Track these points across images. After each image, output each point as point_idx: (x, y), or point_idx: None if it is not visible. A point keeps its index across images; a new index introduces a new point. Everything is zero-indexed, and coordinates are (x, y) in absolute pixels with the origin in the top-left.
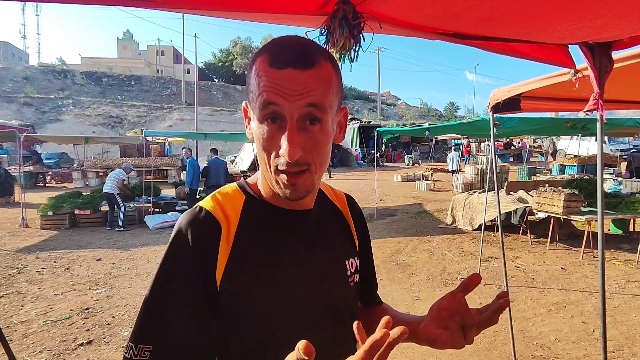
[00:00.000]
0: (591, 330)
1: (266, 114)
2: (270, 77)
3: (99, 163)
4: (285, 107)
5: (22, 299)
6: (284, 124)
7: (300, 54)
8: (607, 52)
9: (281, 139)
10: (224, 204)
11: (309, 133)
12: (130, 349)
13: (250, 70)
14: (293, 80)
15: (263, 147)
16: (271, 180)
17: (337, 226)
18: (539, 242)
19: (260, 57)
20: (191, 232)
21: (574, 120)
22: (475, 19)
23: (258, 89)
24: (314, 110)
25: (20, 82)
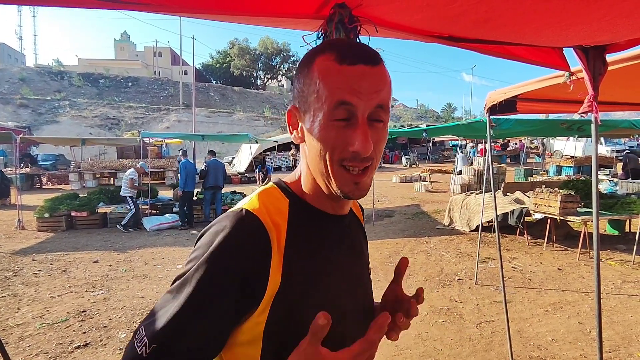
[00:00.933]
0: (588, 330)
1: (338, 113)
2: (342, 75)
3: (95, 165)
4: (359, 105)
5: (18, 302)
6: (353, 122)
7: (369, 50)
8: (602, 54)
9: (352, 135)
10: (271, 209)
11: (375, 130)
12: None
13: (308, 70)
14: (365, 77)
15: (327, 145)
16: (330, 180)
17: (360, 231)
18: (536, 242)
19: (323, 56)
20: (240, 239)
21: (570, 121)
22: (471, 22)
23: (326, 88)
24: (381, 110)
25: (16, 84)
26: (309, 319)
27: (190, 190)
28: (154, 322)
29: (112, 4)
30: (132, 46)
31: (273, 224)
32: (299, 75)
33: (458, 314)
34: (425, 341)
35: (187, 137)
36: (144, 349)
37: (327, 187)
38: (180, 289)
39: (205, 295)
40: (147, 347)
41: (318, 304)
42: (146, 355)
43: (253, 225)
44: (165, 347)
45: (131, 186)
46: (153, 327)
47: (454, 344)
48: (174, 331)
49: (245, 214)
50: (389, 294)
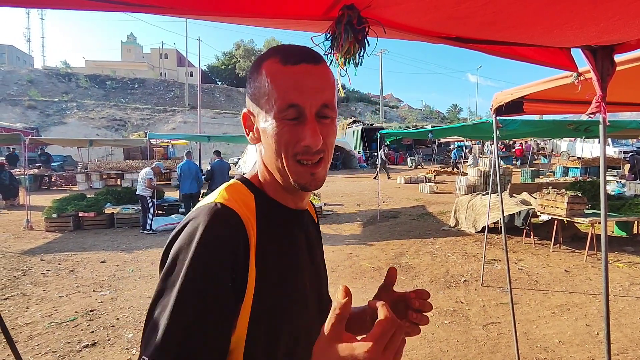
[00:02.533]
0: (595, 332)
1: (288, 114)
2: (287, 75)
3: (102, 166)
4: (306, 105)
5: (27, 301)
6: (302, 119)
7: (310, 51)
8: (610, 55)
9: (302, 131)
10: (241, 203)
11: (323, 125)
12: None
13: (257, 74)
14: (308, 75)
15: (280, 142)
16: (287, 175)
17: (315, 227)
18: (543, 244)
19: (268, 60)
20: (222, 231)
21: (577, 122)
22: (478, 23)
23: (275, 90)
24: (327, 109)
25: (24, 85)
26: (280, 307)
27: (188, 193)
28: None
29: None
30: (139, 48)
31: (245, 215)
32: (250, 80)
33: (464, 316)
34: (431, 342)
35: (193, 138)
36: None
37: (286, 181)
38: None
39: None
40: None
41: (287, 293)
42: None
43: (232, 219)
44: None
45: (149, 185)
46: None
47: (459, 345)
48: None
49: (221, 208)
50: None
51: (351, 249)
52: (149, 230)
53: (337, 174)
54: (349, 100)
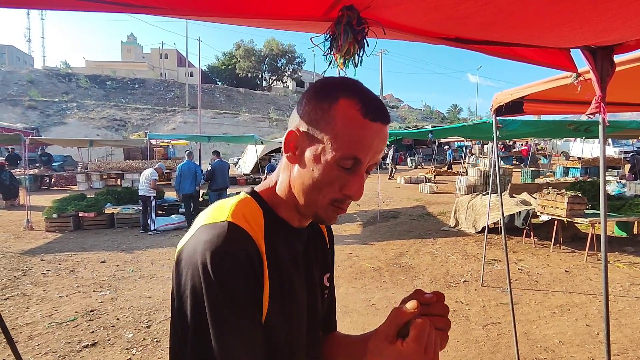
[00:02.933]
0: (595, 333)
1: (347, 163)
2: (363, 129)
3: (102, 166)
4: (365, 161)
5: (27, 301)
6: (354, 170)
7: (385, 109)
8: (609, 55)
9: (351, 181)
10: (251, 222)
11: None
12: None
13: (329, 106)
14: (379, 135)
15: (324, 181)
16: (315, 209)
17: (321, 246)
18: (543, 244)
19: (347, 100)
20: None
21: (577, 122)
22: (478, 23)
23: (346, 136)
24: (376, 165)
25: (25, 86)
26: (280, 322)
27: (188, 193)
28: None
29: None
30: (139, 48)
31: (255, 236)
32: (315, 102)
33: (464, 316)
34: None
35: (193, 138)
36: None
37: (307, 210)
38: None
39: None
40: None
41: (288, 309)
42: None
43: (242, 236)
44: None
45: (153, 186)
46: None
47: (460, 345)
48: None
49: (230, 226)
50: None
51: (351, 249)
52: (152, 230)
53: None
54: None
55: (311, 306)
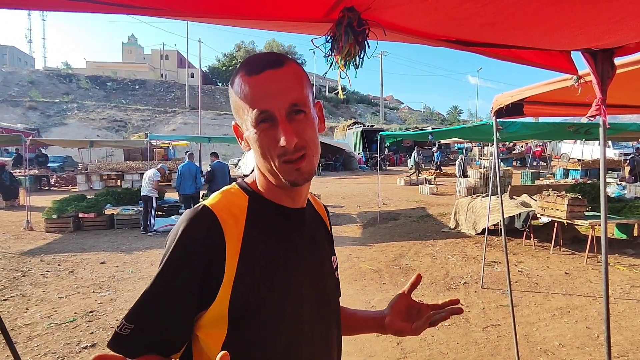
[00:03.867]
0: (595, 335)
1: (260, 119)
2: (252, 85)
3: (102, 166)
4: (274, 108)
5: (26, 302)
6: (275, 122)
7: (271, 57)
8: (610, 58)
9: (276, 134)
10: (230, 204)
11: (297, 122)
12: (120, 323)
13: (232, 90)
14: (272, 79)
15: (262, 146)
16: (277, 174)
17: (322, 227)
18: (543, 246)
19: (238, 75)
20: (197, 232)
21: (578, 124)
22: (478, 25)
23: (246, 101)
24: (297, 107)
25: (25, 86)
26: (270, 301)
27: (188, 194)
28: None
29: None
30: (140, 49)
31: (231, 216)
32: (230, 95)
33: (464, 318)
34: (431, 344)
35: (194, 139)
36: (122, 328)
37: (277, 180)
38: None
39: (170, 276)
40: (124, 327)
41: (278, 288)
42: (125, 333)
43: (209, 219)
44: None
45: (156, 187)
46: (130, 309)
47: (459, 347)
48: (145, 308)
49: (201, 210)
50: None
51: (351, 250)
52: (152, 231)
53: (337, 176)
54: (349, 101)
55: (320, 290)
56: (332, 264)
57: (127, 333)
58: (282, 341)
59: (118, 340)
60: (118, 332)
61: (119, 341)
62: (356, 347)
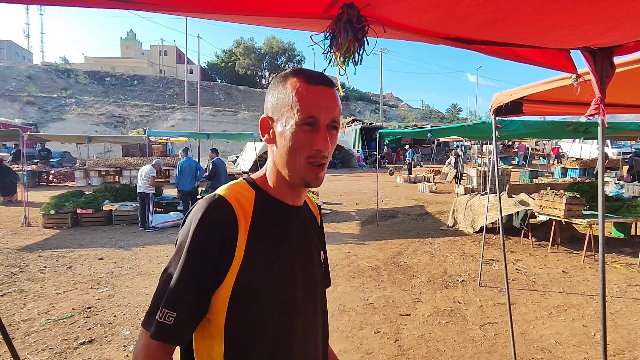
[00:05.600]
0: (592, 333)
1: (306, 122)
2: (309, 92)
3: (101, 162)
4: (320, 117)
5: (24, 297)
6: (316, 129)
7: (326, 77)
8: (609, 57)
9: (316, 138)
10: (240, 195)
11: (331, 135)
12: (160, 311)
13: (282, 87)
14: (325, 94)
15: (297, 143)
16: (297, 171)
17: (314, 223)
18: (540, 245)
19: (294, 78)
20: (216, 217)
21: (576, 123)
22: (478, 22)
23: (299, 103)
24: (335, 123)
25: (23, 81)
26: (270, 286)
27: (187, 190)
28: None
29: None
30: (138, 45)
31: (240, 207)
32: (273, 91)
33: (461, 316)
34: (429, 342)
35: (193, 135)
36: (165, 317)
37: (293, 176)
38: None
39: (197, 259)
40: (166, 315)
41: (276, 274)
42: (170, 322)
43: (224, 206)
44: (180, 310)
45: (152, 183)
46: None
47: (457, 345)
48: (180, 294)
49: (217, 198)
50: None
51: (349, 247)
52: (150, 228)
53: (336, 173)
54: (348, 99)
55: (310, 277)
56: (319, 255)
57: (171, 321)
58: (276, 320)
59: (165, 330)
60: (162, 321)
61: (167, 330)
62: (353, 344)
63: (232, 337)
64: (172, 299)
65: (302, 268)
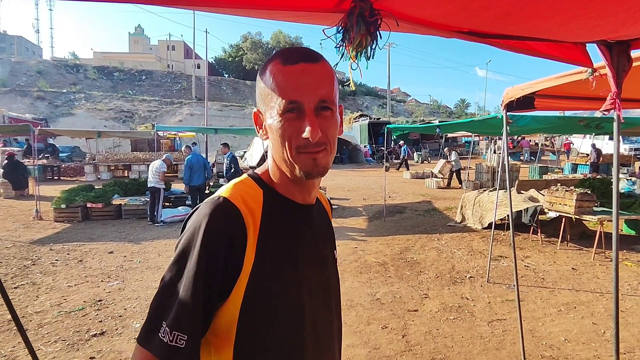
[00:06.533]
0: (602, 331)
1: (287, 109)
2: (287, 74)
3: (110, 157)
4: (304, 100)
5: (36, 290)
6: (301, 114)
7: (308, 52)
8: (626, 50)
9: (302, 125)
10: (247, 196)
11: (323, 118)
12: (169, 333)
13: (262, 76)
14: (306, 72)
15: (284, 135)
16: (293, 165)
17: (327, 222)
18: (550, 241)
19: (272, 63)
20: (222, 225)
21: (589, 119)
22: (492, 16)
23: (277, 89)
24: (325, 104)
25: (33, 76)
26: (283, 295)
27: (195, 185)
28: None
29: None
30: (146, 40)
31: (249, 210)
32: (258, 82)
33: (469, 312)
34: (436, 338)
35: (201, 130)
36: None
37: (292, 172)
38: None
39: (204, 273)
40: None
41: (289, 281)
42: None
43: (231, 211)
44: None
45: (162, 178)
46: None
47: (464, 341)
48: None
49: (223, 202)
50: None
51: (357, 243)
52: (159, 222)
53: (344, 168)
54: (355, 94)
55: (324, 283)
56: (334, 257)
57: (183, 345)
58: (290, 332)
59: (179, 355)
60: (172, 344)
61: (180, 355)
62: (361, 339)
63: (242, 352)
64: (181, 320)
65: (316, 274)
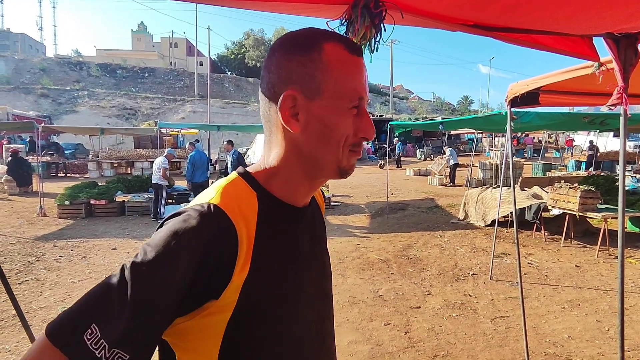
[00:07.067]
0: (605, 329)
1: (354, 105)
2: (356, 65)
3: (113, 154)
4: (365, 97)
5: (41, 286)
6: (360, 111)
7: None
8: (634, 44)
9: (362, 123)
10: (241, 201)
11: None
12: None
13: (317, 56)
14: (364, 68)
15: (344, 131)
16: (336, 162)
17: (320, 219)
18: (553, 239)
19: (331, 43)
20: (207, 237)
21: (593, 115)
22: (499, 8)
23: (347, 79)
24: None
25: (37, 74)
26: (280, 306)
27: (198, 182)
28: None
29: None
30: (149, 37)
31: (242, 218)
32: (299, 57)
33: (472, 309)
34: (439, 335)
35: (203, 127)
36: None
37: (330, 168)
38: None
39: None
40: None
41: (288, 293)
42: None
43: (222, 224)
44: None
45: (164, 175)
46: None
47: (467, 338)
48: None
49: (214, 211)
50: None
51: (359, 240)
52: (161, 219)
53: None
54: None
55: (322, 290)
56: (330, 264)
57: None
58: (288, 340)
59: None
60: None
61: None
62: (363, 335)
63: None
64: (124, 336)
65: (315, 282)
